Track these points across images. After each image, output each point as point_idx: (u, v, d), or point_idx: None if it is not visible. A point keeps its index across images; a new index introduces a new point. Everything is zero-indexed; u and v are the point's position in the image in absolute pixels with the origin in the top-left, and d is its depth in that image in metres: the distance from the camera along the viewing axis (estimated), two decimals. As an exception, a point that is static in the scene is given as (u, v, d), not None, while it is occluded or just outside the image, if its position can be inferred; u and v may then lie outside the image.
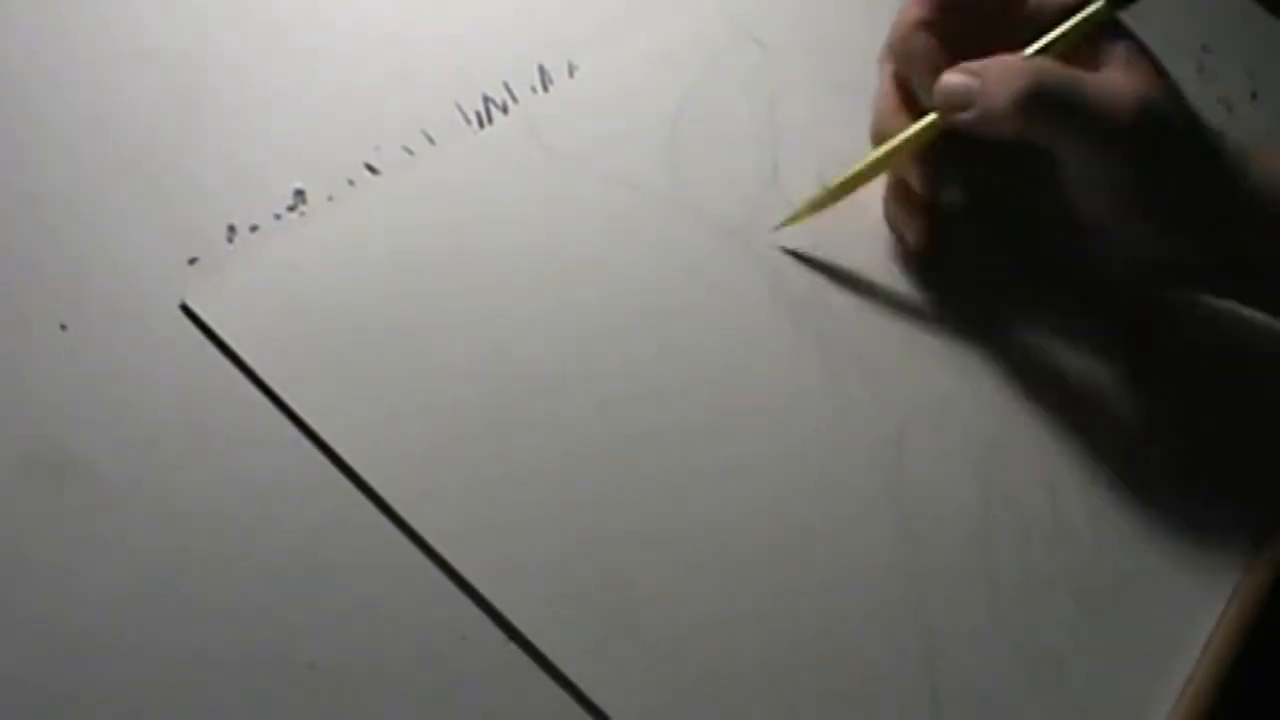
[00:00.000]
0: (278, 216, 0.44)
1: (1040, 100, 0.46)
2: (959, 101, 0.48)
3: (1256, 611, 0.47)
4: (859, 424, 0.47)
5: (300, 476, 0.40)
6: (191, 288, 0.42)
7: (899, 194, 0.52)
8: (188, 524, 0.38)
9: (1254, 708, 0.46)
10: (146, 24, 0.47)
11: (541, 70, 0.52)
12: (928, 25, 0.50)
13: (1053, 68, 0.47)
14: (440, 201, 0.47)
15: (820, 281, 0.51)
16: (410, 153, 0.48)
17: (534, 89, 0.52)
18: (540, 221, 0.48)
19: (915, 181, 0.51)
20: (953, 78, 0.48)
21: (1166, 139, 0.47)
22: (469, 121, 0.50)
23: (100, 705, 0.35)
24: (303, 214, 0.45)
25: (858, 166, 0.51)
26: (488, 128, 0.50)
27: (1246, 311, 0.54)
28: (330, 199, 0.46)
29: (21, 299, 0.40)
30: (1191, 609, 0.47)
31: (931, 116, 0.50)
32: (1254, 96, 0.68)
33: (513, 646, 0.39)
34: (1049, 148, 0.48)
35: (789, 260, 0.51)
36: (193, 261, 0.43)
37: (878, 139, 0.52)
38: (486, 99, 0.51)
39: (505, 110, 0.51)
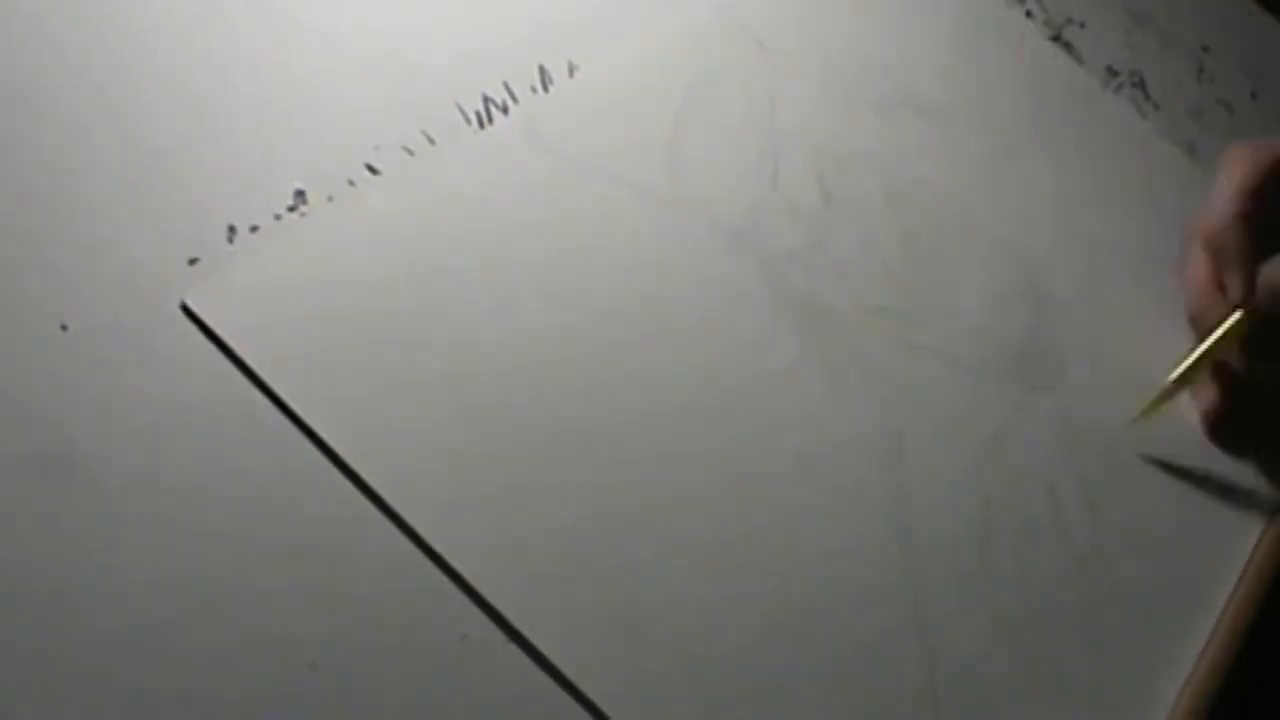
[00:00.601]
0: (278, 217, 0.44)
1: None
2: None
3: (1257, 612, 0.47)
4: (859, 424, 0.47)
5: (300, 477, 0.40)
6: (191, 288, 0.42)
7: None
8: (188, 524, 0.38)
9: (1254, 708, 0.46)
10: (147, 24, 0.47)
11: (542, 70, 0.52)
12: (1246, 217, 0.52)
13: None
14: (440, 202, 0.47)
15: (820, 285, 0.51)
16: (410, 153, 0.48)
17: (534, 89, 0.52)
18: (540, 222, 0.48)
19: (1237, 362, 0.53)
20: (1273, 270, 0.50)
21: None
22: (469, 122, 0.50)
23: (99, 705, 0.35)
24: (303, 214, 0.45)
25: (1189, 360, 0.53)
26: (488, 128, 0.50)
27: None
28: (330, 199, 0.46)
29: (22, 299, 0.40)
30: (1191, 609, 0.47)
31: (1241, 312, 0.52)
32: (1254, 96, 0.68)
33: (512, 646, 0.39)
34: None
35: (789, 261, 0.51)
36: (193, 262, 0.43)
37: (1196, 320, 0.55)
38: (487, 99, 0.51)
39: (505, 110, 0.51)
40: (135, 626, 0.36)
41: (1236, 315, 0.52)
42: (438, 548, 0.39)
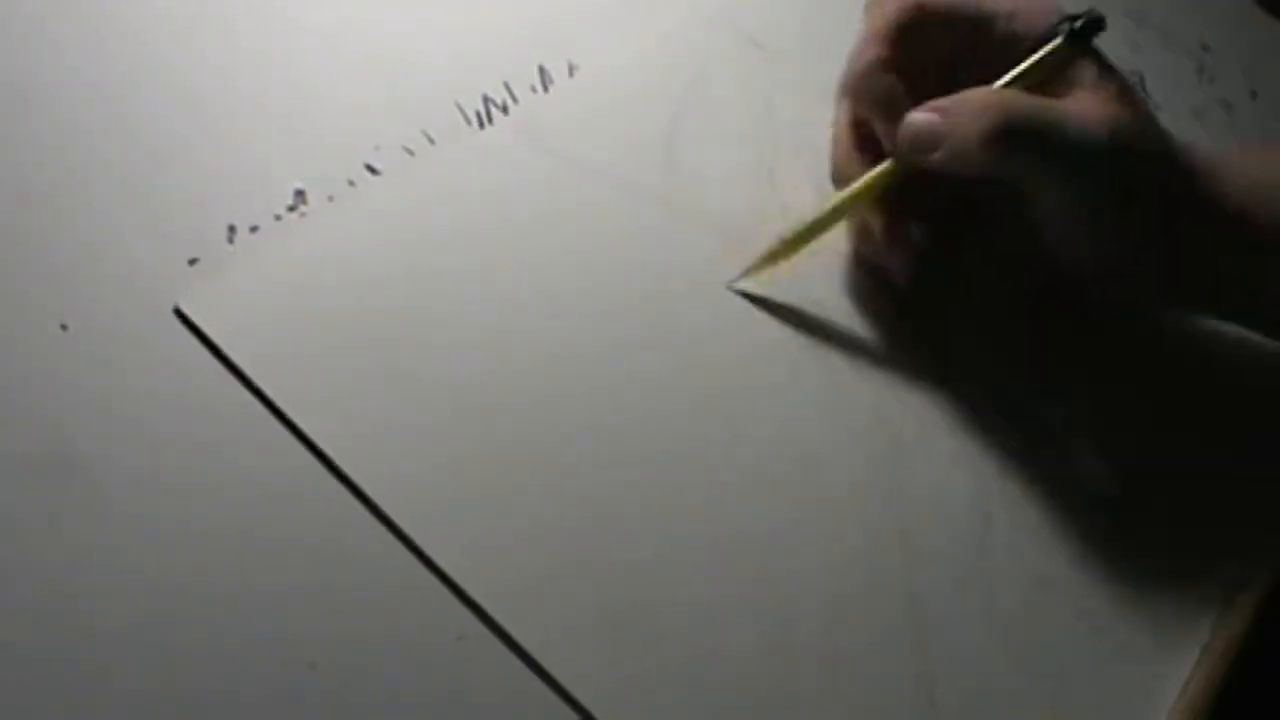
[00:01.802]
0: (278, 217, 0.45)
1: (1011, 136, 0.45)
2: (926, 143, 0.46)
3: (1254, 617, 0.47)
4: (856, 428, 0.47)
5: (297, 479, 0.40)
6: (186, 291, 0.42)
7: (866, 235, 0.51)
8: (186, 526, 0.38)
9: (1252, 711, 0.46)
10: (146, 24, 0.47)
11: (542, 70, 0.52)
12: (886, 63, 0.48)
13: (1021, 100, 0.46)
14: (440, 202, 0.47)
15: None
16: (410, 153, 0.48)
17: (534, 89, 0.52)
18: (539, 222, 0.48)
19: (878, 226, 0.49)
20: (919, 117, 0.46)
21: (1139, 163, 0.46)
22: (469, 122, 0.50)
23: (97, 705, 0.35)
24: (303, 215, 0.45)
25: (815, 216, 0.49)
26: (488, 128, 0.50)
27: (1234, 329, 0.54)
28: (330, 199, 0.46)
29: (21, 299, 0.40)
30: (1189, 614, 0.47)
31: (890, 161, 0.48)
32: (1254, 96, 0.68)
33: (506, 648, 0.39)
34: (1020, 181, 0.47)
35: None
36: (193, 262, 0.43)
37: (838, 182, 0.50)
38: (486, 99, 0.51)
39: (505, 110, 0.51)
40: (134, 626, 0.36)
41: (883, 166, 0.48)
42: (430, 552, 0.39)
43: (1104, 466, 0.49)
